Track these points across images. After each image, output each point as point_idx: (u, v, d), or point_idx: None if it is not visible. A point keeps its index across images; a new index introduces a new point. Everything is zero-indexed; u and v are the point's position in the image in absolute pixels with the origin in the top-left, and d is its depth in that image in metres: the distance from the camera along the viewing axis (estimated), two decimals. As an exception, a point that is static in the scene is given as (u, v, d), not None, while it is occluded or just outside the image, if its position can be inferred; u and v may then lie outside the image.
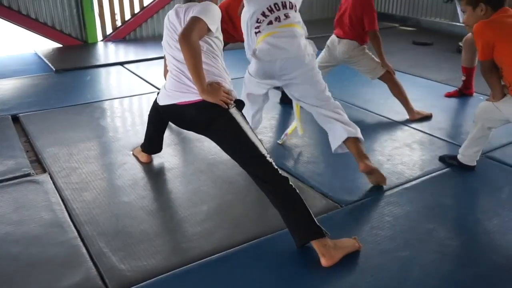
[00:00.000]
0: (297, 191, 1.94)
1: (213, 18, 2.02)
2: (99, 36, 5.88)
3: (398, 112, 3.55)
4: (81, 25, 5.70)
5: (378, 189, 2.47)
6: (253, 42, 2.65)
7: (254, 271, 1.87)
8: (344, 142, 2.49)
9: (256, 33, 2.60)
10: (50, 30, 5.55)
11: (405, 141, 3.08)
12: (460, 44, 5.42)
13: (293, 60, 2.50)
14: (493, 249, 2.02)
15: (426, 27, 6.84)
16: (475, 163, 2.64)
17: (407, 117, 3.45)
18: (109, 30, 5.95)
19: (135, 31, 6.05)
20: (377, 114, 3.57)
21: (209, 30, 2.01)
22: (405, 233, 2.10)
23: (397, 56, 5.28)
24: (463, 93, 3.93)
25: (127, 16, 5.99)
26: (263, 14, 2.56)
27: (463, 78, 3.91)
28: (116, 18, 5.95)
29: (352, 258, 1.92)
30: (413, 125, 3.34)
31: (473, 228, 2.20)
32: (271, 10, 2.57)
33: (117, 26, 5.97)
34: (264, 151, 1.98)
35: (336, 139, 2.51)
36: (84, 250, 1.99)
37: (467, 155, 2.62)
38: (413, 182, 2.56)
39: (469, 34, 3.52)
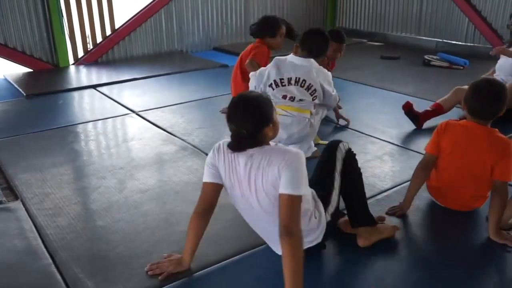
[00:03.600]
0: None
1: (306, 176, 1.74)
2: (71, 60, 5.85)
3: (369, 126, 3.64)
4: (51, 49, 5.66)
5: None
6: (265, 86, 3.01)
7: (231, 289, 1.89)
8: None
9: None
10: (20, 55, 5.49)
11: (376, 154, 3.17)
12: (426, 57, 5.62)
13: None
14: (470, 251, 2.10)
15: (392, 41, 7.06)
16: None
17: (379, 130, 3.54)
18: (80, 53, 5.93)
19: (107, 54, 6.05)
20: (348, 128, 3.65)
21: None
22: (379, 243, 2.15)
23: (366, 71, 5.44)
24: (418, 117, 3.62)
25: (99, 38, 5.99)
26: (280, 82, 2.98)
27: (430, 109, 3.67)
28: (87, 41, 5.94)
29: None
30: (384, 138, 3.43)
31: (444, 228, 2.27)
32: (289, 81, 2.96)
33: (89, 49, 5.96)
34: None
35: None
36: (59, 277, 1.96)
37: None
38: (385, 193, 2.63)
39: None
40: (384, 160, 3.08)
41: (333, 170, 2.04)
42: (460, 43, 6.36)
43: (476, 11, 6.10)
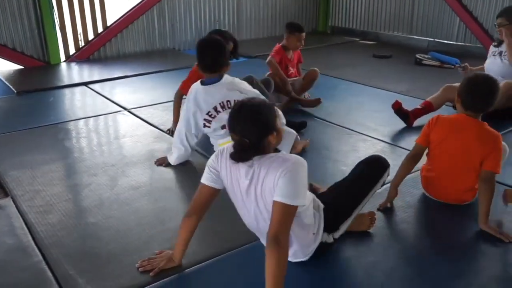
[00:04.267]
0: None
1: (304, 186, 1.70)
2: (62, 57, 5.82)
3: (360, 124, 3.66)
4: (43, 46, 5.62)
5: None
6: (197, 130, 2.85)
7: (221, 285, 1.89)
8: None
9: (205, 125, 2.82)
10: (11, 52, 5.45)
11: (367, 151, 3.18)
12: (418, 56, 5.66)
13: None
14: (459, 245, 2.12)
15: (385, 40, 7.09)
16: None
17: (370, 128, 3.56)
18: (72, 50, 5.90)
19: (99, 51, 6.02)
20: (340, 126, 3.66)
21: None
22: (370, 240, 2.17)
23: (358, 69, 5.46)
24: (407, 116, 3.63)
25: (91, 36, 5.96)
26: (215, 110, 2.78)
27: (420, 107, 3.68)
28: (79, 38, 5.91)
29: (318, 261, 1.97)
30: (375, 136, 3.45)
31: (435, 224, 2.29)
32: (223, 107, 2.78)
33: (81, 46, 5.92)
34: None
35: None
36: (49, 274, 1.95)
37: None
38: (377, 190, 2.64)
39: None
40: (376, 157, 3.10)
41: (366, 194, 2.05)
42: (451, 42, 6.40)
43: (467, 10, 6.15)
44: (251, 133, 1.65)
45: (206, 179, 1.84)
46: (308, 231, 1.86)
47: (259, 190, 1.70)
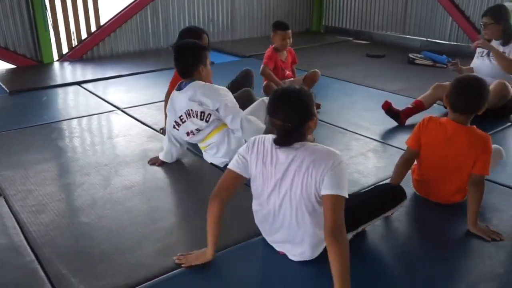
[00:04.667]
0: None
1: (346, 179, 1.75)
2: (55, 56, 5.80)
3: (353, 123, 3.68)
4: (35, 45, 5.60)
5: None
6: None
7: (214, 285, 1.90)
8: None
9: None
10: (3, 51, 5.42)
11: (360, 150, 3.20)
12: (411, 56, 5.69)
13: None
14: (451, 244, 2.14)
15: (378, 40, 7.12)
16: None
17: (363, 127, 3.58)
18: (65, 49, 5.88)
19: (92, 50, 6.00)
20: (332, 125, 3.68)
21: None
22: (360, 236, 2.18)
23: (351, 68, 5.49)
24: (398, 115, 3.65)
25: (84, 35, 5.94)
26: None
27: (411, 106, 3.70)
28: (72, 38, 5.89)
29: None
30: (368, 135, 3.47)
31: (425, 223, 2.31)
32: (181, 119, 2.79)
33: (74, 46, 5.90)
34: None
35: None
36: (42, 273, 1.95)
37: None
38: (368, 189, 2.66)
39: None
40: (368, 156, 3.12)
41: (377, 216, 2.12)
42: (444, 42, 6.44)
43: (460, 10, 6.19)
44: (293, 118, 1.72)
45: (233, 165, 1.91)
46: (320, 230, 1.86)
47: (300, 178, 1.75)
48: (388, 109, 3.67)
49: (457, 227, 2.28)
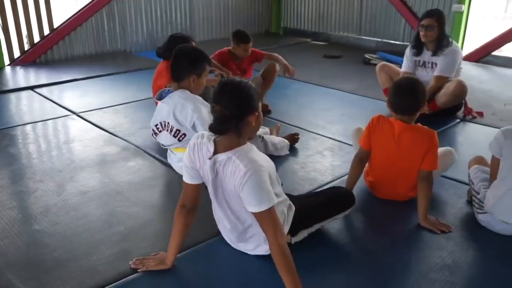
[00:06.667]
0: None
1: (268, 187, 1.72)
2: (6, 60, 5.59)
3: (311, 123, 3.74)
4: (-15, 49, 5.38)
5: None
6: None
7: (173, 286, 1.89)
8: None
9: None
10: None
11: (317, 149, 3.26)
12: (366, 56, 5.84)
13: None
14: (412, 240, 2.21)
15: (335, 41, 7.26)
16: None
17: (320, 127, 3.64)
18: (17, 53, 5.67)
19: (46, 54, 5.82)
20: (291, 125, 3.72)
21: None
22: (316, 234, 2.22)
23: (309, 69, 5.57)
24: None
25: (37, 38, 5.76)
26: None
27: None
28: (24, 41, 5.70)
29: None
30: (324, 134, 3.53)
31: (379, 218, 2.38)
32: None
33: (26, 49, 5.71)
34: None
35: None
36: (-9, 284, 1.89)
37: None
38: (325, 187, 2.71)
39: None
40: (325, 155, 3.18)
41: (330, 217, 2.17)
42: (398, 42, 6.63)
43: (412, 12, 6.39)
44: (233, 106, 1.69)
45: (185, 178, 1.91)
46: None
47: (224, 186, 1.80)
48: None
49: (409, 221, 2.36)
